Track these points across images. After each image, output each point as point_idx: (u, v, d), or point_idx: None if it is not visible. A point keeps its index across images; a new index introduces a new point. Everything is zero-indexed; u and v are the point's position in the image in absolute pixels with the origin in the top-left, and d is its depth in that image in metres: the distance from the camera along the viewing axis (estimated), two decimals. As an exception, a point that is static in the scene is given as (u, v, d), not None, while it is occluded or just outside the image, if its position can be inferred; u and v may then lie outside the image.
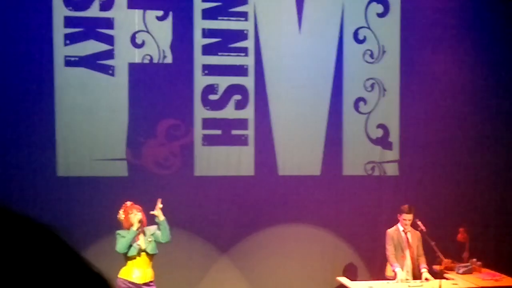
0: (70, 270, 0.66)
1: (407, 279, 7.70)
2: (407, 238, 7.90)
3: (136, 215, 6.90)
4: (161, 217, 6.96)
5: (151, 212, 6.97)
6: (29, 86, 8.47)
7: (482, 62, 9.54)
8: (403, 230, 7.90)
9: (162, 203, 6.98)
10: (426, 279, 7.71)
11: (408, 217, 7.84)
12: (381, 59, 9.42)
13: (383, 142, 9.46)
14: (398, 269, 7.74)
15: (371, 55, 9.40)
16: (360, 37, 9.37)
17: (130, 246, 6.86)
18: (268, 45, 9.13)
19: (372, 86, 9.41)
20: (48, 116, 8.56)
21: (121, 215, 6.99)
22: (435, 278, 7.71)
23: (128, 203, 7.05)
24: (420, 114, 9.43)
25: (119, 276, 6.94)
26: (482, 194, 9.56)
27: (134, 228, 6.86)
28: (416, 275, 7.86)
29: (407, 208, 7.85)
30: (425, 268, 7.86)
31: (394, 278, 7.75)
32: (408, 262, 7.87)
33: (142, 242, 6.93)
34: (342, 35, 9.29)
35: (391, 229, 7.98)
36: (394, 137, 9.47)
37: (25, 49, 8.44)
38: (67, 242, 0.68)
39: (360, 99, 9.38)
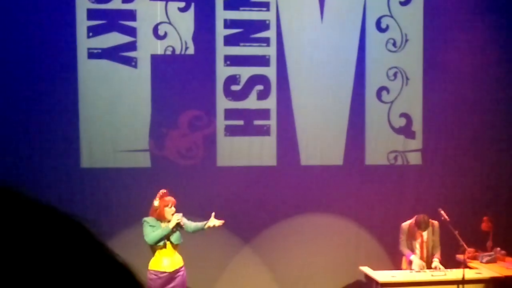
0: (96, 261, 0.67)
1: (424, 266, 7.69)
2: (422, 236, 7.89)
3: (174, 214, 6.91)
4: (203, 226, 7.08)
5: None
6: (52, 79, 8.54)
7: (507, 51, 9.44)
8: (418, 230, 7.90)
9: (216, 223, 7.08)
10: (435, 267, 7.70)
11: (422, 220, 7.83)
12: (404, 47, 9.37)
13: (406, 131, 9.42)
14: (413, 256, 7.74)
15: (394, 44, 9.35)
16: (383, 25, 9.32)
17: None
18: (290, 35, 9.12)
19: (395, 75, 9.36)
20: (72, 108, 8.63)
21: (156, 202, 6.99)
22: (458, 267, 7.68)
23: (163, 190, 7.06)
24: (443, 102, 9.37)
25: (149, 268, 6.99)
26: (506, 183, 9.49)
27: (171, 226, 6.89)
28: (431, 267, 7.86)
29: (421, 224, 7.78)
30: (437, 258, 7.85)
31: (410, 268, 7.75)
32: (418, 256, 7.86)
33: (174, 235, 6.99)
34: (364, 24, 9.25)
35: (406, 223, 7.97)
36: (417, 126, 9.42)
37: (49, 42, 8.51)
38: (92, 232, 0.70)
39: (383, 88, 9.34)
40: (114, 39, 8.74)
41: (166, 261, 6.99)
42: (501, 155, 9.50)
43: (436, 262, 7.78)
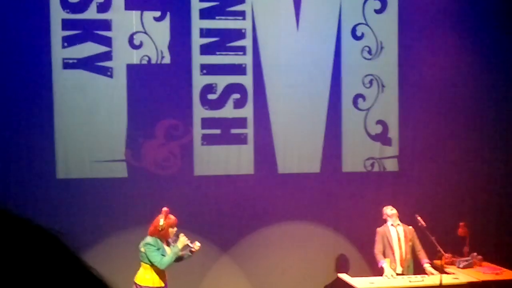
0: (69, 273, 0.66)
1: (393, 275, 7.72)
2: (397, 232, 7.93)
3: (181, 236, 6.87)
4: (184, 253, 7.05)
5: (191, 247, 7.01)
6: (27, 89, 8.48)
7: (481, 57, 9.55)
8: (392, 224, 7.94)
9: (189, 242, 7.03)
10: (430, 273, 7.74)
11: (387, 210, 7.92)
12: (379, 55, 9.43)
13: (383, 138, 9.47)
14: (385, 265, 7.78)
15: (369, 52, 9.41)
16: (358, 33, 9.38)
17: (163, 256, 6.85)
18: (266, 44, 9.14)
19: (370, 82, 9.42)
20: (47, 118, 8.56)
21: (162, 223, 6.83)
22: (436, 273, 7.72)
23: (166, 209, 6.94)
24: (419, 109, 9.44)
25: (141, 284, 6.85)
26: (482, 189, 9.57)
27: (180, 246, 6.83)
28: (407, 270, 7.88)
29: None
30: (427, 263, 7.88)
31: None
32: (397, 256, 7.89)
33: (168, 249, 6.95)
34: (340, 32, 9.30)
35: (380, 227, 8.03)
36: (394, 133, 9.48)
37: (23, 52, 8.45)
38: (66, 244, 0.69)
39: (359, 96, 9.39)
40: (89, 49, 8.70)
41: (159, 275, 6.89)
42: (476, 161, 9.58)
43: (428, 267, 7.83)
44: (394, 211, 7.99)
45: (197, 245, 7.09)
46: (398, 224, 7.96)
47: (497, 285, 7.73)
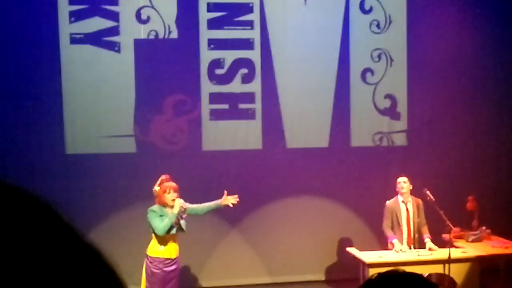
0: (61, 241, 0.66)
1: (402, 249, 7.71)
2: (407, 209, 7.90)
3: (176, 199, 6.76)
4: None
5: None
6: (35, 65, 8.47)
7: (490, 30, 9.47)
8: (403, 201, 7.89)
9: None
10: (430, 248, 7.73)
11: (402, 179, 7.84)
12: (387, 29, 9.36)
13: (391, 112, 9.43)
14: (395, 240, 7.75)
15: (378, 25, 9.34)
16: (367, 7, 9.31)
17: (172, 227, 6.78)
18: (274, 18, 9.08)
19: (379, 56, 9.37)
20: (55, 94, 8.57)
21: (156, 188, 6.83)
22: (445, 247, 7.72)
23: (164, 176, 6.91)
24: (428, 83, 9.39)
25: (151, 255, 6.83)
26: (491, 163, 9.55)
27: (175, 211, 6.69)
28: (418, 245, 7.87)
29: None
30: (428, 238, 7.85)
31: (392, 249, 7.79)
32: (405, 234, 7.88)
33: (182, 221, 6.82)
34: (348, 5, 9.23)
35: (390, 201, 7.98)
36: (402, 107, 9.44)
37: (31, 27, 8.43)
38: (58, 212, 0.68)
39: (367, 70, 9.35)
40: (96, 24, 8.67)
41: (170, 247, 6.82)
42: (485, 136, 9.55)
43: (429, 242, 7.81)
44: (406, 187, 7.85)
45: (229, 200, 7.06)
46: (409, 201, 7.92)
47: (506, 259, 7.74)
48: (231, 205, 7.05)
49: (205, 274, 9.04)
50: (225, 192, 7.02)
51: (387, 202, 7.97)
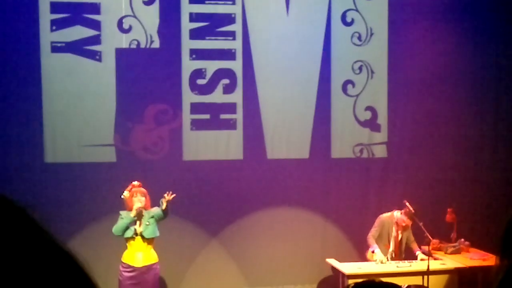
0: (31, 242, 0.65)
1: (382, 261, 7.76)
2: (398, 231, 7.98)
3: (137, 202, 6.89)
4: (163, 206, 6.99)
5: (162, 200, 6.96)
6: (15, 73, 8.42)
7: (470, 43, 9.56)
8: (396, 221, 7.96)
9: (169, 195, 7.00)
10: (422, 259, 7.82)
11: (408, 222, 7.90)
12: (369, 41, 9.42)
13: (372, 124, 9.48)
14: (377, 250, 7.81)
15: (359, 38, 9.40)
16: (348, 19, 9.36)
17: (127, 228, 6.90)
18: (256, 29, 9.11)
19: (360, 68, 9.42)
20: (35, 102, 8.51)
21: (126, 194, 6.98)
22: (423, 259, 7.78)
23: (136, 183, 7.04)
24: (408, 96, 9.45)
25: (122, 260, 6.98)
26: (470, 175, 9.62)
27: (132, 215, 6.87)
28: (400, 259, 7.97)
29: (410, 213, 7.85)
30: (419, 251, 7.99)
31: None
32: (390, 249, 7.94)
33: (138, 225, 6.94)
34: (330, 17, 9.28)
35: (385, 215, 8.03)
36: (383, 119, 9.49)
37: (11, 36, 8.38)
38: (34, 218, 0.68)
39: (348, 82, 9.39)
40: (78, 32, 8.64)
41: (137, 255, 6.93)
42: (465, 148, 9.62)
43: (420, 254, 7.94)
44: (409, 223, 7.94)
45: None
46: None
47: (484, 271, 7.79)
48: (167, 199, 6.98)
49: (184, 284, 9.00)
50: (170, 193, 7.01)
51: (382, 215, 8.04)
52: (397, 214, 7.98)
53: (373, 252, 7.86)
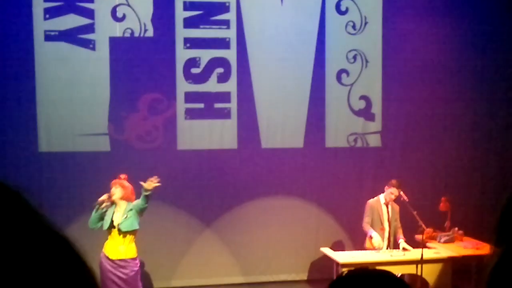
0: (26, 226, 0.65)
1: (380, 244, 7.77)
2: (388, 211, 7.96)
3: (112, 191, 6.76)
4: (146, 191, 6.71)
5: (141, 183, 6.70)
6: (9, 62, 8.38)
7: (463, 31, 9.56)
8: (385, 203, 7.94)
9: (157, 182, 6.72)
10: (404, 248, 7.81)
11: (396, 192, 7.87)
12: (363, 30, 9.41)
13: (366, 113, 9.49)
14: (374, 233, 7.80)
15: (354, 27, 9.39)
16: (343, 8, 9.35)
17: (101, 220, 6.78)
18: (250, 18, 9.08)
19: (354, 57, 9.41)
20: (29, 91, 8.49)
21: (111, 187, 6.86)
22: (417, 247, 7.79)
23: (122, 176, 6.92)
24: (403, 85, 9.45)
25: (104, 251, 6.85)
26: (464, 165, 9.64)
27: (101, 205, 6.72)
28: (393, 247, 7.94)
29: (397, 182, 7.86)
30: (402, 238, 7.94)
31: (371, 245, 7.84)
32: (386, 233, 7.94)
33: (116, 217, 6.74)
34: (324, 6, 9.26)
35: (372, 199, 8.02)
36: (377, 108, 9.49)
37: (4, 24, 8.34)
38: (26, 199, 0.68)
39: (342, 71, 9.39)
40: (71, 21, 8.60)
41: (114, 247, 6.72)
42: (459, 137, 9.64)
43: (402, 242, 7.88)
44: (394, 197, 7.90)
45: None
46: (389, 204, 7.98)
47: (477, 260, 7.82)
48: (153, 186, 6.69)
49: (178, 273, 9.01)
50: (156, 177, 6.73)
51: (369, 200, 8.01)
52: (382, 196, 7.96)
53: (370, 237, 7.87)
